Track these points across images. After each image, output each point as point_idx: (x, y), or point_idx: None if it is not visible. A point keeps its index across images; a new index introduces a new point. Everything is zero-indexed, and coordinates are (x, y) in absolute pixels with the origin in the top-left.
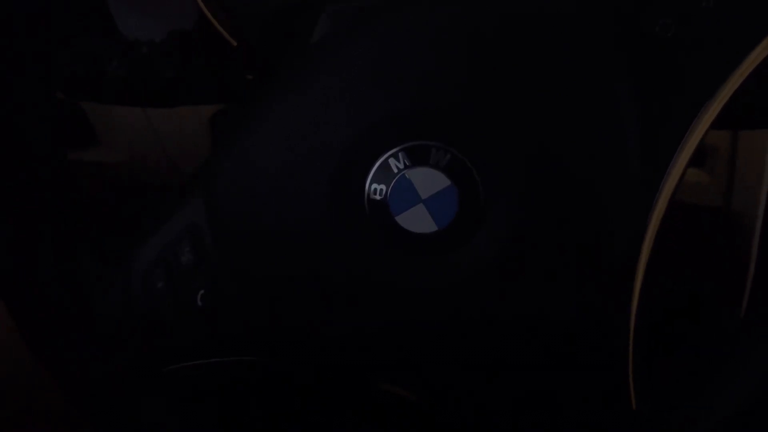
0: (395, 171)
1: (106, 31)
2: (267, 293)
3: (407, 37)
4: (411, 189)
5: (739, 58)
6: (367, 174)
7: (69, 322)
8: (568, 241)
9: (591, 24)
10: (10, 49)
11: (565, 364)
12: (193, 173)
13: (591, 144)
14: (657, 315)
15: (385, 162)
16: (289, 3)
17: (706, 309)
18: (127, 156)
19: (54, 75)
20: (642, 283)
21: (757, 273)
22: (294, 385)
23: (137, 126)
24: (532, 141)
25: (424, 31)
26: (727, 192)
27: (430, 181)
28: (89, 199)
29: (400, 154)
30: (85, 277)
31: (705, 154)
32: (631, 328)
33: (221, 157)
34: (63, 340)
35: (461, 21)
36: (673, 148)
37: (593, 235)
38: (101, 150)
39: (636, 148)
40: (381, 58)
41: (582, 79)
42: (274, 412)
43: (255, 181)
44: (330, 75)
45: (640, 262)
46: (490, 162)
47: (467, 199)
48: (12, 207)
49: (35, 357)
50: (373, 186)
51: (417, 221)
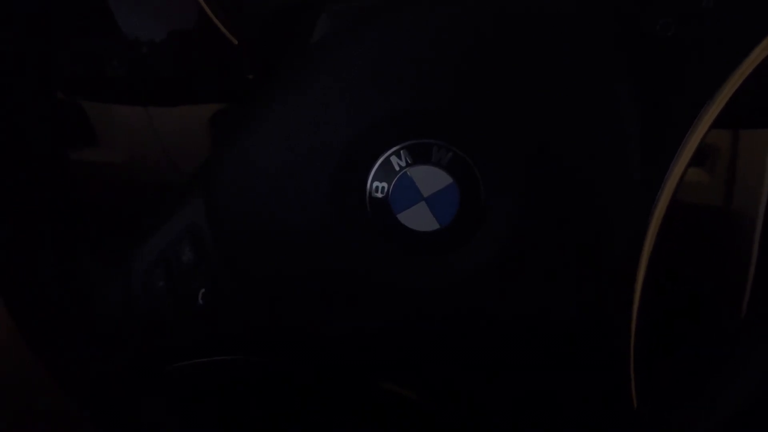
0: (397, 169)
1: (106, 31)
2: (267, 293)
3: (407, 37)
4: (413, 187)
5: (740, 57)
6: (369, 172)
7: (69, 322)
8: (568, 241)
9: (591, 24)
10: (10, 49)
11: (566, 364)
12: (194, 173)
13: (591, 144)
14: (657, 315)
15: (387, 160)
16: (290, 2)
17: (706, 309)
18: (128, 156)
19: (54, 75)
20: (643, 283)
21: (758, 273)
22: (294, 385)
23: (137, 126)
24: (532, 140)
25: (424, 31)
26: (728, 192)
27: (431, 179)
28: (89, 199)
29: (401, 152)
30: (85, 277)
31: (705, 153)
32: (633, 328)
33: (221, 157)
34: (63, 339)
35: (461, 21)
36: (674, 148)
37: (594, 235)
38: (101, 150)
39: (636, 147)
40: (381, 57)
41: (582, 79)
42: (274, 412)
43: (255, 181)
44: (330, 74)
45: (640, 262)
46: (490, 161)
47: (468, 198)
48: (12, 207)
49: (35, 357)
50: (375, 184)
51: (418, 219)
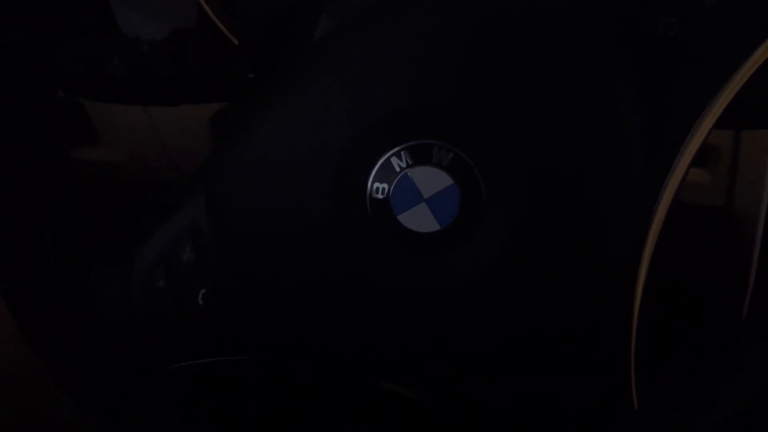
0: (397, 170)
1: (106, 30)
2: (268, 292)
3: (408, 37)
4: (413, 188)
5: (742, 57)
6: (370, 173)
7: (70, 321)
8: (569, 241)
9: (592, 24)
10: (10, 49)
11: (566, 364)
12: (194, 172)
13: (592, 144)
14: (658, 315)
15: (387, 161)
16: (290, 2)
17: (707, 309)
18: (128, 155)
19: (54, 74)
20: (644, 284)
21: (759, 273)
22: (294, 385)
23: (138, 125)
24: (533, 141)
25: (424, 31)
26: (729, 192)
27: (432, 180)
28: (90, 199)
29: (402, 153)
30: (86, 277)
31: (707, 154)
32: (633, 328)
33: (222, 157)
34: (64, 339)
35: (461, 20)
36: (676, 148)
37: (594, 235)
38: (102, 149)
39: (637, 148)
40: (382, 57)
41: (583, 79)
42: (274, 412)
43: (256, 181)
44: (331, 74)
45: (642, 262)
46: (491, 161)
47: (469, 199)
48: (12, 207)
49: (36, 357)
50: (375, 185)
51: (419, 220)
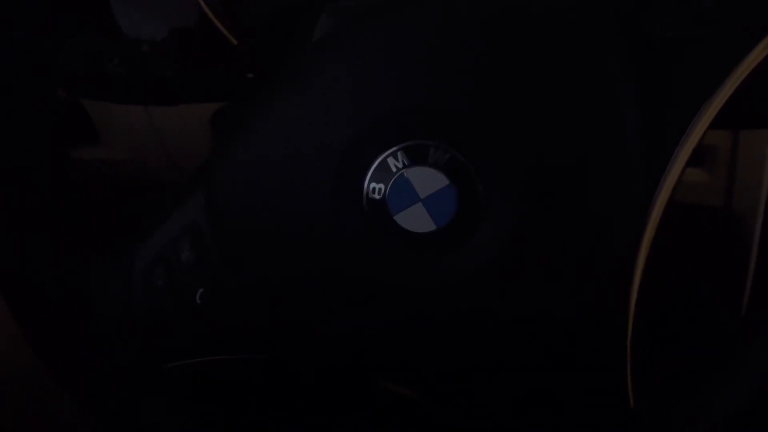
0: (394, 170)
1: (107, 30)
2: (266, 292)
3: (407, 37)
4: (409, 188)
5: (739, 57)
6: (366, 173)
7: (70, 321)
8: (566, 241)
9: (591, 24)
10: (10, 48)
11: (565, 363)
12: (194, 172)
13: (590, 143)
14: (656, 315)
15: (384, 161)
16: (290, 2)
17: (705, 309)
18: (128, 154)
19: (55, 73)
20: (640, 283)
21: (757, 273)
22: (294, 385)
23: (138, 124)
24: (532, 140)
25: (424, 31)
26: (727, 192)
27: (428, 181)
28: (90, 197)
29: (398, 153)
30: (86, 276)
31: (705, 153)
32: (629, 327)
33: (221, 156)
34: (64, 339)
35: (461, 21)
36: (672, 147)
37: (592, 235)
38: (102, 148)
39: (635, 147)
40: (381, 57)
41: (582, 79)
42: (274, 412)
43: (254, 181)
44: (330, 74)
45: (638, 261)
46: (489, 162)
47: (465, 199)
48: (12, 206)
49: (37, 356)
50: (372, 185)
51: (415, 220)
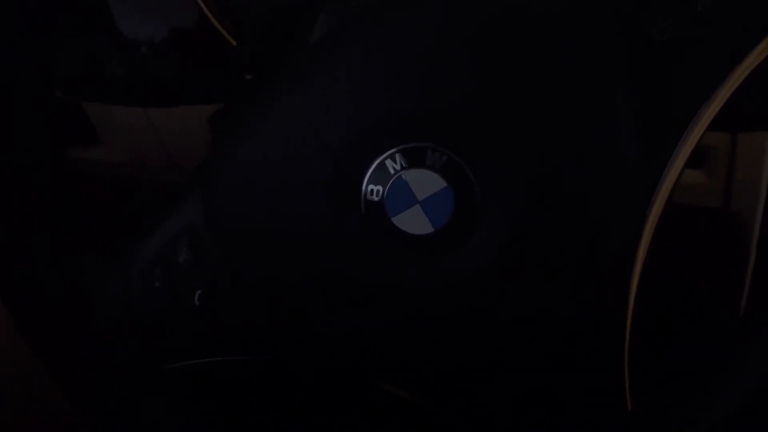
0: (392, 172)
1: (105, 31)
2: (265, 293)
3: (406, 38)
4: (407, 190)
5: (738, 59)
6: (364, 175)
7: (69, 321)
8: (565, 241)
9: (590, 24)
10: (10, 48)
11: (564, 363)
12: (193, 172)
13: (589, 144)
14: (655, 315)
15: (382, 163)
16: (289, 3)
17: (704, 309)
18: (127, 155)
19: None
20: (639, 284)
21: (756, 274)
22: (294, 385)
23: (137, 125)
24: (530, 141)
25: (423, 32)
26: (726, 193)
27: (426, 183)
28: (89, 198)
29: (396, 155)
30: (85, 276)
31: (704, 155)
32: (627, 328)
33: (220, 156)
34: (64, 339)
35: (461, 21)
36: (671, 148)
37: (591, 235)
38: (101, 149)
39: (634, 148)
40: (380, 58)
41: (581, 80)
42: (273, 412)
43: (254, 181)
44: (328, 76)
45: (636, 262)
46: (488, 162)
47: (463, 201)
48: (12, 206)
49: (37, 356)
50: (370, 187)
51: (413, 222)
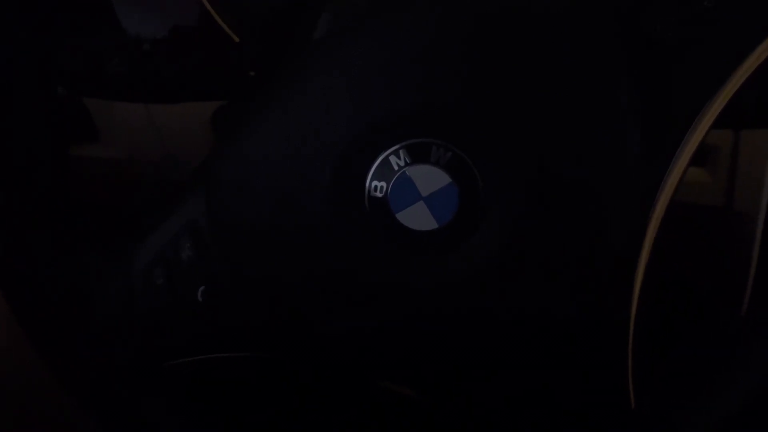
0: (396, 168)
1: (107, 27)
2: (267, 291)
3: (408, 36)
4: (411, 186)
5: (741, 57)
6: (368, 171)
7: (70, 321)
8: (568, 240)
9: (591, 24)
10: (10, 48)
11: (565, 363)
12: (194, 170)
13: (591, 143)
14: (657, 314)
15: (386, 159)
16: (291, 1)
17: (706, 309)
18: (128, 152)
19: (55, 71)
20: (642, 283)
21: (758, 273)
22: (294, 385)
23: (138, 122)
24: (531, 140)
25: (424, 30)
26: (729, 192)
27: (430, 179)
28: (90, 196)
29: (400, 151)
30: (86, 276)
31: (706, 153)
32: (631, 327)
33: (222, 155)
34: (64, 338)
35: (461, 20)
36: (674, 148)
37: (593, 234)
38: (102, 146)
39: (636, 147)
40: (382, 56)
41: (582, 79)
42: (273, 411)
43: (255, 179)
44: (331, 73)
45: (640, 261)
46: (490, 160)
47: (467, 197)
48: (12, 206)
49: (37, 356)
50: (374, 183)
51: (417, 219)
